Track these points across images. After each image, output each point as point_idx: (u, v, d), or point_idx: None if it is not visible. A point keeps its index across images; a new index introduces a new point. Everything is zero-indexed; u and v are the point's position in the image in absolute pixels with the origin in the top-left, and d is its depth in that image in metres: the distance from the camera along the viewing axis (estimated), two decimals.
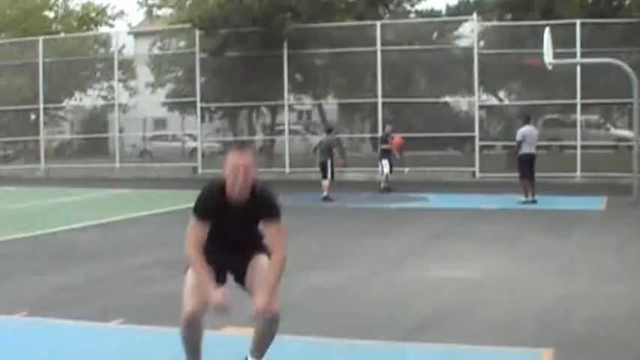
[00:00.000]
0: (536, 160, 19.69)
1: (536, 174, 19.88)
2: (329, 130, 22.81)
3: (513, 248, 12.45)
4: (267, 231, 5.50)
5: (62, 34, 39.47)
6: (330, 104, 33.19)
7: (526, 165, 19.39)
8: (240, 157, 5.40)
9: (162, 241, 13.43)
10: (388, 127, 24.28)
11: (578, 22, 25.99)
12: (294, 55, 29.22)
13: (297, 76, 31.43)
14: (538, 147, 20.44)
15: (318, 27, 28.70)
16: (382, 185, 23.36)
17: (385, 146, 23.56)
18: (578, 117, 27.09)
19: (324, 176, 21.22)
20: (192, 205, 5.37)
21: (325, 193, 21.01)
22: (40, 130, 33.54)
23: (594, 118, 32.03)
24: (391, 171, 23.47)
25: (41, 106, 32.90)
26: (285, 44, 28.89)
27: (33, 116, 34.91)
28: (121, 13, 44.31)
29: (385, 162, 23.45)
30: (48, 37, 35.18)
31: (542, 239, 13.37)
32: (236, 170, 5.33)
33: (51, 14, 42.82)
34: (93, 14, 43.23)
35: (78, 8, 43.36)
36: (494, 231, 14.58)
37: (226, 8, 28.61)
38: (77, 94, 37.44)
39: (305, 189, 23.38)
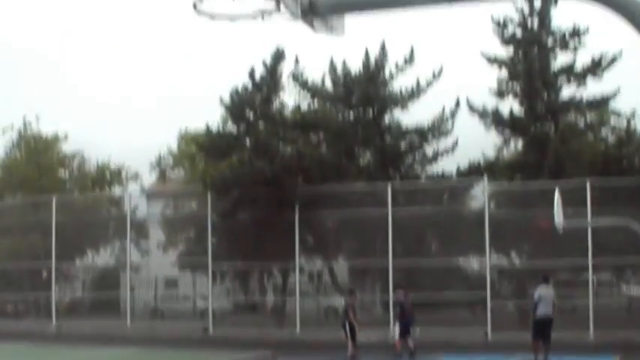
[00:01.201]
0: (552, 324, 19.55)
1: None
2: (350, 292, 23.06)
3: None
4: None
5: (76, 194, 40.00)
6: (341, 265, 33.21)
7: (540, 328, 19.26)
8: None
9: None
10: (400, 293, 23.96)
11: (588, 183, 26.26)
12: (305, 216, 29.51)
13: (308, 238, 31.60)
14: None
15: (329, 189, 29.05)
16: (396, 349, 22.93)
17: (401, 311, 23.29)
18: (590, 276, 27.04)
19: (346, 337, 21.39)
20: None
21: (349, 354, 20.99)
22: (51, 287, 33.54)
23: (606, 276, 31.94)
24: (405, 336, 22.92)
25: (53, 264, 33.04)
26: (297, 206, 29.21)
27: (45, 273, 34.98)
28: (136, 176, 44.92)
29: (397, 326, 23.17)
30: (62, 196, 35.62)
31: None
32: None
33: (66, 174, 43.49)
34: (107, 175, 43.94)
35: (93, 169, 44.08)
36: None
37: (238, 171, 29.10)
38: (89, 253, 37.66)
39: (316, 350, 23.19)
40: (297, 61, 32.62)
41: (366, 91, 31.96)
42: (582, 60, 30.91)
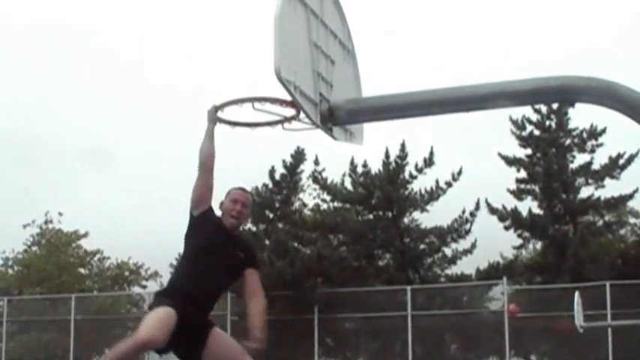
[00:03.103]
0: None
1: None
2: None
3: None
4: (250, 278, 6.39)
5: (95, 292, 40.04)
6: None
7: None
8: (242, 195, 6.46)
9: None
10: None
11: (607, 284, 26.16)
12: (325, 318, 29.41)
13: (327, 340, 31.42)
14: None
15: (348, 291, 29.05)
16: None
17: None
18: None
19: None
20: None
21: None
22: None
23: None
24: None
25: None
26: (316, 308, 29.16)
27: None
28: (155, 274, 44.94)
29: None
30: (81, 294, 35.69)
31: None
32: (235, 203, 5.89)
33: (85, 271, 43.60)
34: (127, 273, 44.01)
35: (113, 267, 44.18)
36: None
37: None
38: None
39: None
40: (316, 162, 32.97)
41: (386, 192, 32.14)
42: (600, 160, 31.22)
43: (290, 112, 7.13)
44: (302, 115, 7.07)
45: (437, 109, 7.92)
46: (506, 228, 31.22)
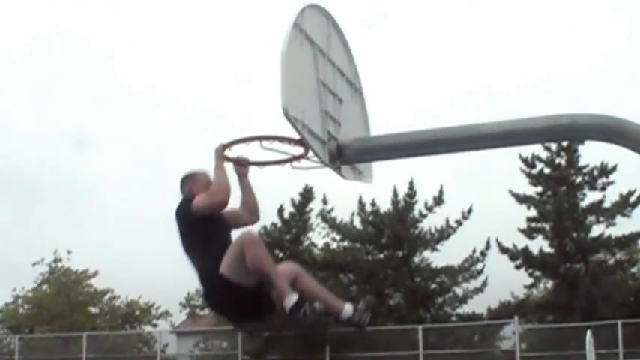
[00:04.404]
0: None
1: None
2: None
3: None
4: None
5: (106, 331, 39.94)
6: None
7: None
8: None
9: None
10: None
11: (619, 322, 25.97)
12: (336, 358, 29.26)
13: None
14: None
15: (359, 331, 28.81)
16: None
17: None
18: None
19: None
20: None
21: None
22: None
23: None
24: None
25: None
26: (327, 348, 29.00)
27: None
28: (166, 314, 44.86)
29: None
30: (92, 332, 35.59)
31: None
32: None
33: (96, 310, 43.54)
34: (137, 312, 43.93)
35: (123, 305, 44.13)
36: None
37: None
38: None
39: None
40: (325, 201, 32.95)
41: (395, 231, 32.09)
42: (611, 198, 31.14)
43: (298, 150, 7.05)
44: (310, 153, 7.00)
45: (446, 148, 7.81)
46: (517, 267, 31.13)
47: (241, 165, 7.09)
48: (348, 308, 6.86)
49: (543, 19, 52.68)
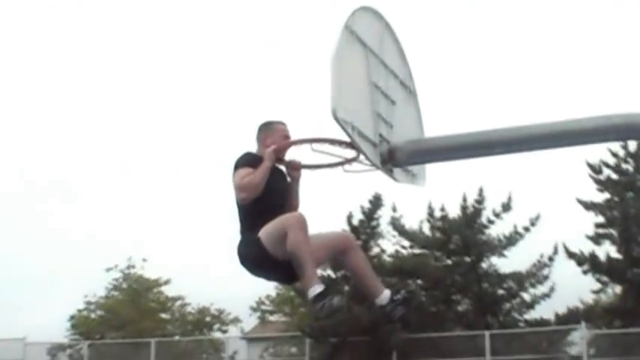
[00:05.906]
0: None
1: None
2: None
3: None
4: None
5: (177, 337, 40.38)
6: None
7: None
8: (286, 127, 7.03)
9: None
10: None
11: None
12: None
13: None
14: None
15: (426, 337, 28.85)
16: None
17: None
18: None
19: None
20: None
21: None
22: None
23: None
24: None
25: None
26: (394, 354, 29.01)
27: None
28: (236, 320, 45.23)
29: None
30: (161, 339, 35.97)
31: None
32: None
33: (167, 316, 44.01)
34: (208, 319, 44.34)
35: (194, 311, 44.56)
36: None
37: (336, 317, 29.13)
38: None
39: None
40: (394, 208, 32.96)
41: (464, 237, 31.98)
42: None
43: (350, 153, 6.99)
44: (362, 156, 6.96)
45: (499, 150, 7.73)
46: (585, 272, 30.77)
47: (294, 168, 7.14)
48: (384, 296, 6.89)
49: None
